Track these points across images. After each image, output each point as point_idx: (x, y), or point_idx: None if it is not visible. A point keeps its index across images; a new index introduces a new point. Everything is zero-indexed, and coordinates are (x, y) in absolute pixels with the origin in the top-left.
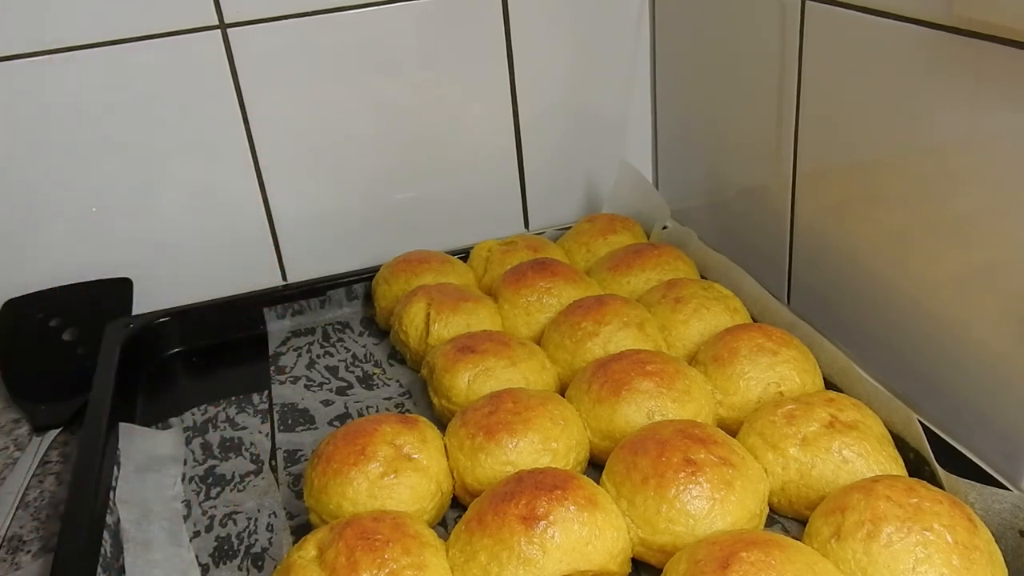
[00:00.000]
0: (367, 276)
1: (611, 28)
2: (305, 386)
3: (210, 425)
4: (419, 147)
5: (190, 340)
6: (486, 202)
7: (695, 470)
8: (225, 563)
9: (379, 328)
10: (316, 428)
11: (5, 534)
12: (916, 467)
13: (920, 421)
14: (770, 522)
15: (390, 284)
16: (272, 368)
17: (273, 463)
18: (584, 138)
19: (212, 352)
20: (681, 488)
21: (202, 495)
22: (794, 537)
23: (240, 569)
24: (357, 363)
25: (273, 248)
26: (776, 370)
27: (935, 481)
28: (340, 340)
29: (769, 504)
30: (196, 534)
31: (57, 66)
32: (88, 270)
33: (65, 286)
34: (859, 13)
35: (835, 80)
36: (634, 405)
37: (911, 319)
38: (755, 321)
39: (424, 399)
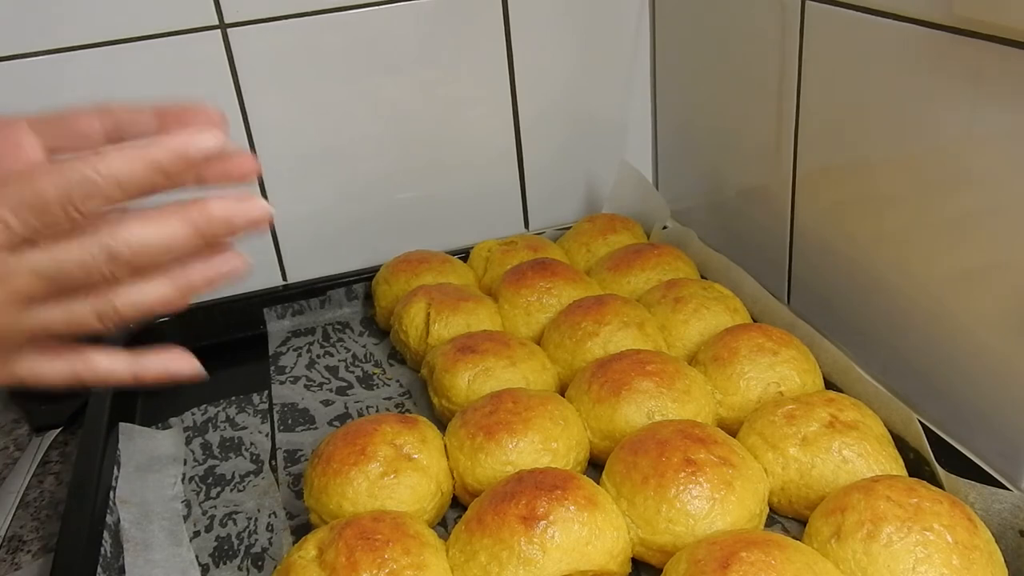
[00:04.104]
0: (367, 276)
1: (611, 28)
2: (305, 386)
3: (210, 425)
4: (419, 147)
5: (190, 340)
6: (486, 202)
7: (695, 470)
8: (225, 563)
9: (379, 328)
10: (316, 428)
11: (5, 534)
12: (916, 467)
13: (920, 421)
14: (770, 522)
15: (390, 284)
16: (272, 368)
17: (273, 463)
18: (584, 138)
19: (212, 352)
20: (681, 488)
21: (202, 495)
22: (794, 537)
23: (240, 569)
24: (357, 363)
25: (273, 248)
26: (776, 370)
27: (935, 481)
28: (340, 340)
29: (769, 504)
30: (196, 534)
31: (57, 66)
32: None
33: None
34: (859, 13)
35: (835, 80)
36: (634, 405)
37: (911, 319)
38: (755, 321)
39: (424, 399)
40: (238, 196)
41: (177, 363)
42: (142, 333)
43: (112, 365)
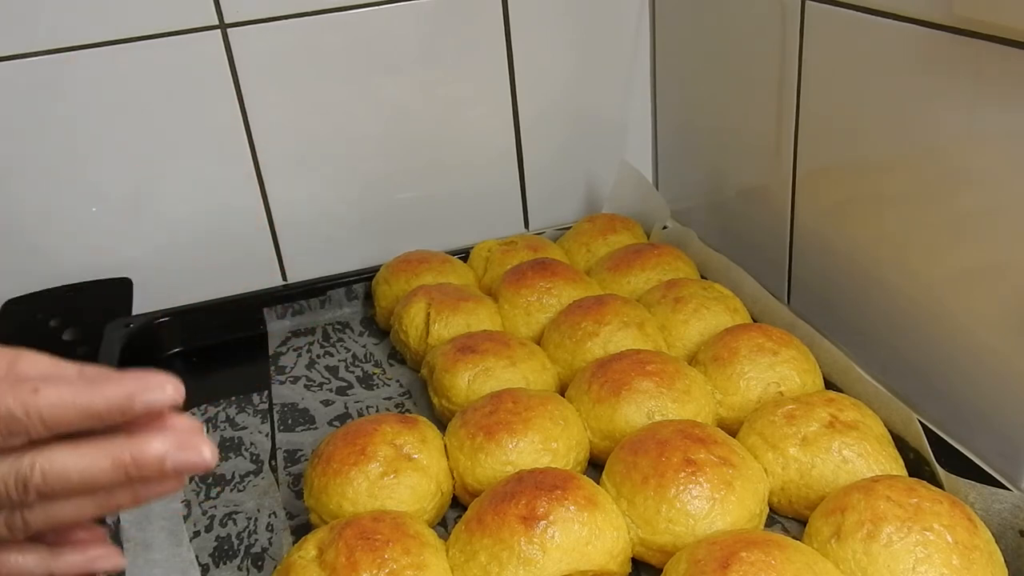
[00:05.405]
0: (367, 276)
1: (611, 28)
2: (305, 386)
3: (210, 425)
4: (419, 147)
5: (190, 340)
6: (486, 202)
7: (695, 470)
8: (225, 563)
9: (379, 328)
10: (316, 428)
11: None
12: (916, 467)
13: (920, 421)
14: (770, 522)
15: (390, 284)
16: (272, 368)
17: (273, 463)
18: (584, 138)
19: (212, 352)
20: (681, 488)
21: (202, 495)
22: (794, 537)
23: (240, 569)
24: (357, 363)
25: (273, 248)
26: (776, 370)
27: (935, 481)
28: (340, 340)
29: (769, 504)
30: (196, 534)
31: (57, 66)
32: (88, 270)
33: (65, 286)
34: (859, 13)
35: (835, 80)
36: (634, 405)
37: (911, 319)
38: (755, 321)
39: (424, 399)
40: (180, 441)
41: (99, 560)
42: (141, 332)
43: (25, 563)
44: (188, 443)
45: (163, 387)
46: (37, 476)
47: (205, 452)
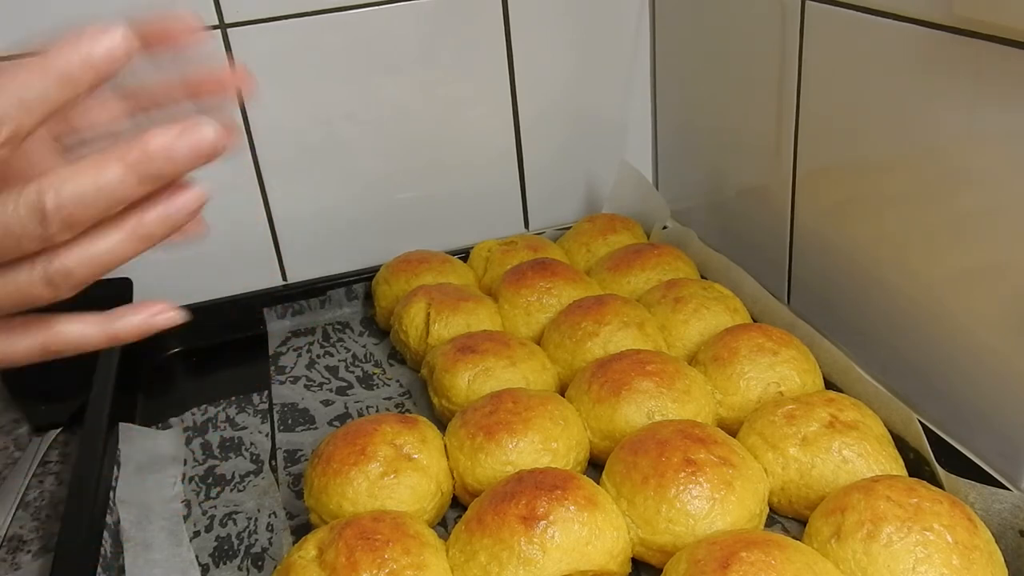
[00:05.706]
0: (367, 276)
1: (611, 28)
2: (305, 386)
3: (210, 425)
4: (419, 147)
5: (190, 340)
6: (486, 202)
7: (695, 470)
8: (225, 563)
9: (379, 328)
10: (316, 428)
11: (5, 534)
12: (916, 467)
13: (920, 421)
14: (770, 522)
15: (390, 284)
16: (272, 368)
17: (273, 463)
18: (584, 138)
19: (212, 352)
20: (681, 488)
21: (202, 495)
22: (794, 537)
23: (240, 569)
24: (357, 363)
25: (273, 248)
26: (776, 370)
27: (935, 481)
28: (340, 340)
29: (769, 504)
30: (196, 534)
31: None
32: None
33: None
34: (859, 13)
35: (835, 80)
36: (634, 405)
37: (911, 319)
38: (755, 321)
39: (424, 399)
40: (181, 126)
41: (156, 316)
42: None
43: (84, 331)
44: (188, 127)
45: (107, 33)
46: (50, 200)
47: (207, 128)
